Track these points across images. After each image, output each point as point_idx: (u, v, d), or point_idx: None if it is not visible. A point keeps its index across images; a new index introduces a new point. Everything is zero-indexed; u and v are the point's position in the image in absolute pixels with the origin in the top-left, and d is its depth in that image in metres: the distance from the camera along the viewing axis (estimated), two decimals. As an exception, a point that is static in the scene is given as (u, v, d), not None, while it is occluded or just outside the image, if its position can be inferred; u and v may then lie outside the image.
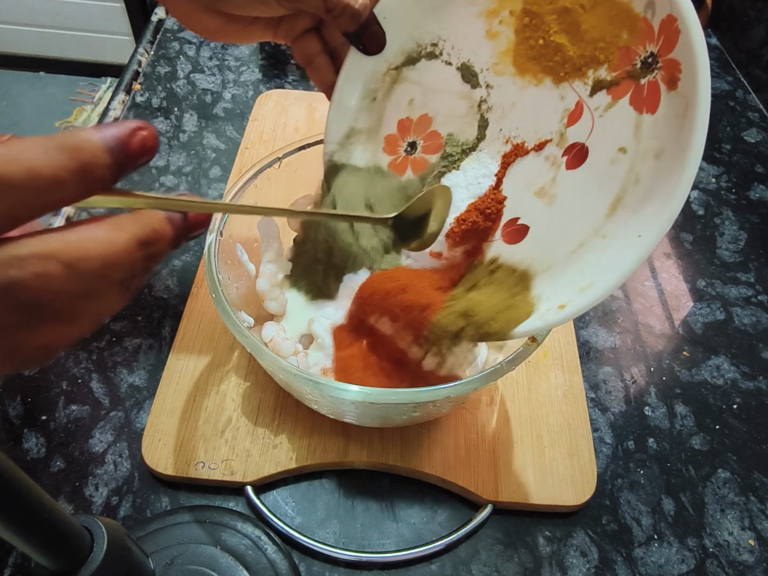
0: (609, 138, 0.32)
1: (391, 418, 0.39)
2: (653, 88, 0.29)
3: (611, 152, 0.31)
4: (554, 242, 0.34)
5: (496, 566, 0.39)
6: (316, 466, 0.41)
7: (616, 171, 0.31)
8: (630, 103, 0.31)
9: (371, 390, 0.33)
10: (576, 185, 0.34)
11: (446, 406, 0.38)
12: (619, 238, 0.30)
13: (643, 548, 0.40)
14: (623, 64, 0.31)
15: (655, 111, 0.29)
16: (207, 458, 0.41)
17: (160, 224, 0.20)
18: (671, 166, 0.28)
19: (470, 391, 0.33)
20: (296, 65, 0.75)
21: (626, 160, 0.31)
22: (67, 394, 0.44)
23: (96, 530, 0.26)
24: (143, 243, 0.19)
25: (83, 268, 0.18)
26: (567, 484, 0.41)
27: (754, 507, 0.43)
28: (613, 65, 0.31)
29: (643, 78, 0.30)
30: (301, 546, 0.38)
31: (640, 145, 0.30)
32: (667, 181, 0.28)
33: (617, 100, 0.31)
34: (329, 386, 0.33)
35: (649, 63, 0.30)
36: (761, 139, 0.71)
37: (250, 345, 0.34)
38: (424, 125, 0.40)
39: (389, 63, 0.39)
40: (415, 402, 0.33)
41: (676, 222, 0.61)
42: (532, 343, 0.35)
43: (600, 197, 0.32)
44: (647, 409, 0.47)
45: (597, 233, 0.32)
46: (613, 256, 0.30)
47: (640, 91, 0.30)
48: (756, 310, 0.54)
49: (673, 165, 0.28)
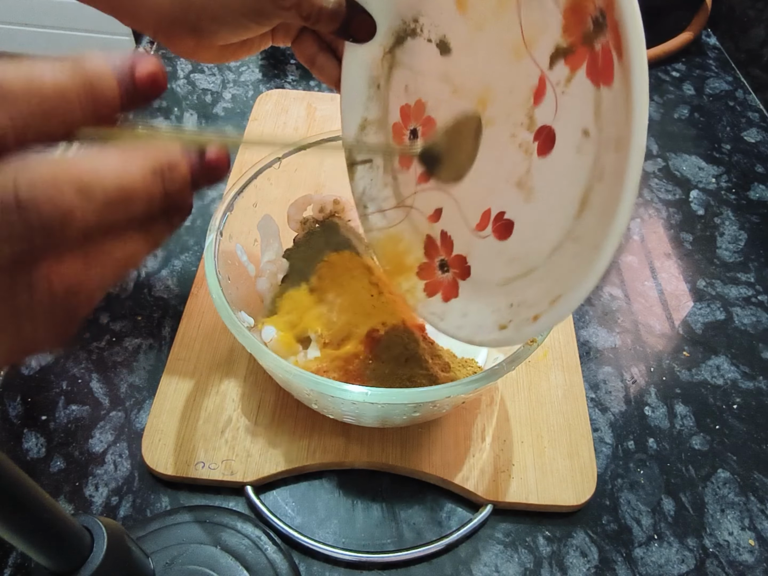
0: (572, 119, 0.28)
1: (390, 419, 0.39)
2: (606, 54, 0.24)
3: (576, 137, 0.27)
4: (536, 242, 0.31)
5: (496, 566, 0.39)
6: (316, 466, 0.41)
7: (582, 162, 0.27)
8: (587, 75, 0.26)
9: (371, 390, 0.33)
10: (549, 177, 0.30)
11: (446, 406, 0.38)
12: (586, 245, 0.27)
13: (643, 548, 0.40)
14: (576, 25, 0.26)
15: (611, 83, 0.24)
16: (207, 458, 0.41)
17: (175, 156, 0.19)
18: (621, 162, 0.23)
19: (470, 391, 0.33)
20: (296, 65, 0.75)
21: (591, 149, 0.27)
22: (67, 394, 0.44)
23: (96, 530, 0.26)
24: (159, 173, 0.18)
25: (98, 195, 0.16)
26: (567, 484, 0.41)
27: (754, 507, 0.43)
28: (567, 27, 0.27)
29: (596, 42, 0.25)
30: (301, 546, 0.38)
31: (603, 133, 0.26)
32: (617, 183, 0.23)
33: (575, 72, 0.27)
34: (329, 386, 0.33)
35: (600, 22, 0.25)
36: (761, 139, 0.71)
37: (250, 345, 0.34)
38: (420, 111, 0.39)
39: (383, 46, 0.38)
40: (415, 402, 0.33)
41: (676, 222, 0.61)
42: (531, 344, 0.35)
43: (571, 193, 0.28)
44: (647, 409, 0.47)
45: (569, 235, 0.28)
46: (580, 266, 0.27)
47: (595, 60, 0.25)
48: (756, 310, 0.54)
49: (621, 160, 0.23)
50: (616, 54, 0.24)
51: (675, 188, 0.65)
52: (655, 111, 0.74)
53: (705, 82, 0.78)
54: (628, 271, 0.57)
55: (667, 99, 0.75)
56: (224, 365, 0.45)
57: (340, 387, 0.33)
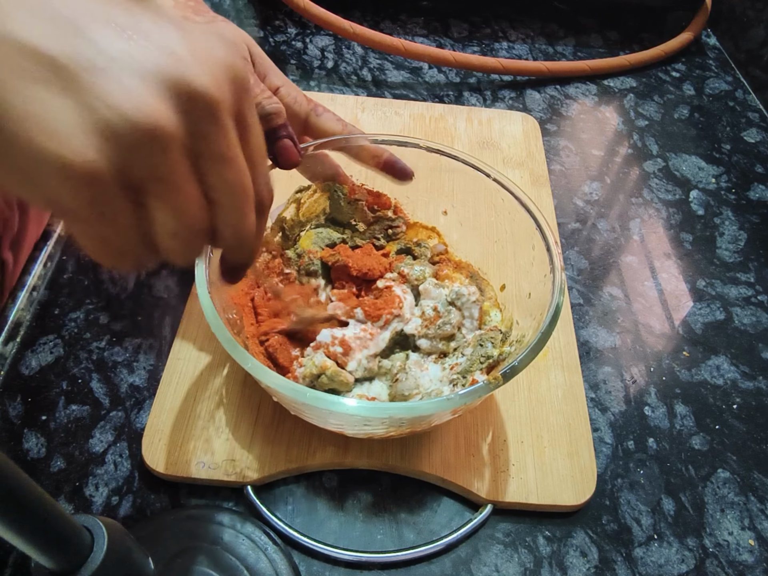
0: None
1: (374, 431, 0.38)
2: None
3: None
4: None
5: (496, 566, 0.39)
6: (316, 466, 0.41)
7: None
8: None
9: (363, 404, 0.32)
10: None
11: (417, 425, 0.38)
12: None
13: (643, 548, 0.40)
14: None
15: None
16: (207, 458, 0.41)
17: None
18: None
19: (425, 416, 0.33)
20: (296, 65, 0.75)
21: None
22: (67, 394, 0.44)
23: (96, 530, 0.26)
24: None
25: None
26: (567, 484, 0.41)
27: (754, 507, 0.43)
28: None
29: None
30: (301, 546, 0.38)
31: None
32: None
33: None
34: (318, 398, 0.32)
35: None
36: (761, 139, 0.71)
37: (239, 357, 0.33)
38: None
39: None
40: (402, 417, 0.33)
41: (676, 222, 0.61)
42: (494, 380, 0.33)
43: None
44: (647, 409, 0.47)
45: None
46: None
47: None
48: (756, 310, 0.54)
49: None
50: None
51: (675, 188, 0.65)
52: (655, 111, 0.74)
53: (705, 82, 0.78)
54: (628, 271, 0.57)
55: (667, 99, 0.76)
56: (224, 365, 0.45)
57: (329, 399, 0.32)
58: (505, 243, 0.45)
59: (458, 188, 0.46)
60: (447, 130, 0.65)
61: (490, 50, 0.80)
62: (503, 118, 0.67)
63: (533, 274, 0.41)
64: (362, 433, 0.39)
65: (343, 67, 0.75)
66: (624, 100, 0.75)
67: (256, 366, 0.32)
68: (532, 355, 0.34)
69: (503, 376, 0.33)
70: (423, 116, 0.66)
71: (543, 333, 0.35)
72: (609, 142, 0.69)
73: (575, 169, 0.66)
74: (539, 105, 0.73)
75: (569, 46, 0.82)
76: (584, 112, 0.72)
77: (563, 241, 0.58)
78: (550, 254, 0.39)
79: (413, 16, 0.84)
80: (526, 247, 0.41)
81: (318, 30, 0.79)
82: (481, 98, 0.73)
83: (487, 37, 0.82)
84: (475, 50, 0.80)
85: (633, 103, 0.74)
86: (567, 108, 0.73)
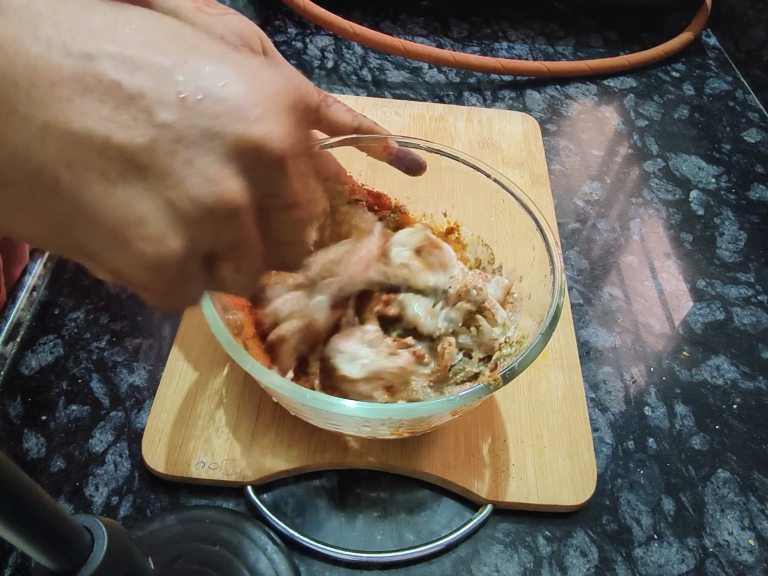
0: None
1: (377, 432, 0.38)
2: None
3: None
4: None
5: (496, 566, 0.39)
6: (316, 466, 0.41)
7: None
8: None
9: (362, 405, 0.32)
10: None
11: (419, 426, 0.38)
12: None
13: (643, 548, 0.40)
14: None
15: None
16: (207, 458, 0.41)
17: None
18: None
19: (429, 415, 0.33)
20: (296, 65, 0.75)
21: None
22: (67, 394, 0.44)
23: (96, 530, 0.26)
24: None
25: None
26: (567, 484, 0.41)
27: (754, 507, 0.43)
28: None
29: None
30: (301, 546, 0.38)
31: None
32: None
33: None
34: (318, 399, 0.32)
35: None
36: (761, 139, 0.71)
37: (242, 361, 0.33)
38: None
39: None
40: (405, 418, 0.33)
41: (676, 222, 0.61)
42: (494, 382, 0.33)
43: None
44: (647, 409, 0.47)
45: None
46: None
47: None
48: (756, 310, 0.54)
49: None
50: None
51: (675, 188, 0.65)
52: (655, 111, 0.74)
53: (705, 82, 0.78)
54: (628, 271, 0.57)
55: (667, 99, 0.76)
56: (224, 365, 0.45)
57: (328, 401, 0.32)
58: (505, 243, 0.45)
59: (458, 188, 0.46)
60: (447, 130, 0.65)
61: (490, 50, 0.80)
62: (503, 118, 0.67)
63: (533, 275, 0.41)
64: (362, 434, 0.39)
65: (343, 67, 0.75)
66: (624, 100, 0.75)
67: (255, 367, 0.32)
68: (532, 357, 0.34)
69: (503, 378, 0.33)
70: (423, 116, 0.66)
71: (543, 335, 0.35)
72: (609, 142, 0.69)
73: (575, 169, 0.66)
74: (539, 105, 0.73)
75: (569, 46, 0.82)
76: (584, 112, 0.72)
77: (563, 241, 0.58)
78: (551, 255, 0.39)
79: (413, 16, 0.84)
80: (526, 248, 0.41)
81: (318, 30, 0.79)
82: (481, 98, 0.73)
83: (487, 37, 0.82)
84: (475, 50, 0.80)
85: (633, 103, 0.74)
86: (567, 108, 0.73)
